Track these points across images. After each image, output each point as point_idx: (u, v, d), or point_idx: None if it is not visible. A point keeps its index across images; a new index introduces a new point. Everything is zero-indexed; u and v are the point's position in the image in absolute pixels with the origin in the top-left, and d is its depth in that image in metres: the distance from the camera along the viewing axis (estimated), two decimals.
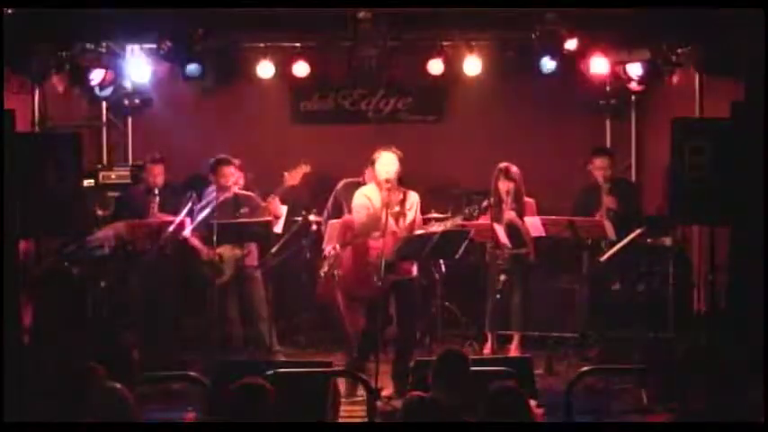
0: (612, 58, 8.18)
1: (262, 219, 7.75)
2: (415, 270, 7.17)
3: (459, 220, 7.20)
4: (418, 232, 7.06)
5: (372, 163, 7.09)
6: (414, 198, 7.16)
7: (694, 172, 6.79)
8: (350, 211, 7.81)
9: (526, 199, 8.07)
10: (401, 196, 7.03)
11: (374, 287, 6.90)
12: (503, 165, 8.01)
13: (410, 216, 7.08)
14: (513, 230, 7.87)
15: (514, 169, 7.98)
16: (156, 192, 8.26)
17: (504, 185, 7.93)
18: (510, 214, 7.91)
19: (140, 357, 5.33)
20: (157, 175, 8.41)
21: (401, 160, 7.01)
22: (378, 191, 7.07)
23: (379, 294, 6.91)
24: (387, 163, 6.99)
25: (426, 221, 7.55)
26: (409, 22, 7.68)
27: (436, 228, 7.17)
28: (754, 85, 6.52)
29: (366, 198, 7.11)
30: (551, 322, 8.46)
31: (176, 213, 7.94)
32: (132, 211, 8.25)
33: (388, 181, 6.94)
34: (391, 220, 6.94)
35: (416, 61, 8.71)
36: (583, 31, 7.75)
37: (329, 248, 7.86)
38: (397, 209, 6.98)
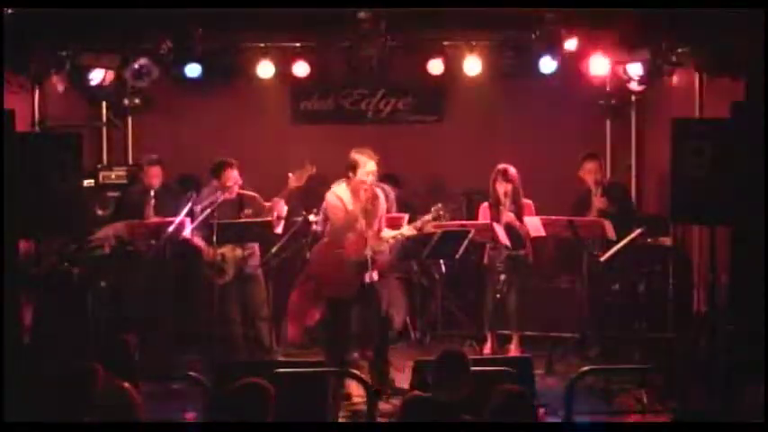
0: (612, 58, 8.17)
1: (263, 219, 7.74)
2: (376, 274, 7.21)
3: (427, 220, 7.18)
4: (404, 229, 7.11)
5: (354, 166, 7.06)
6: (381, 195, 7.24)
7: (694, 172, 6.79)
8: None
9: (524, 201, 8.06)
10: (370, 195, 7.08)
11: (352, 287, 6.99)
12: (501, 166, 8.01)
13: (378, 214, 7.15)
14: (511, 232, 7.87)
15: (512, 171, 7.98)
16: (153, 193, 8.26)
17: (502, 187, 7.93)
18: (508, 216, 7.90)
19: (141, 357, 5.31)
20: (154, 176, 8.40)
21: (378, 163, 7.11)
22: (348, 191, 7.12)
23: (355, 294, 7.02)
24: (371, 170, 7.04)
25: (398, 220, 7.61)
26: (409, 22, 7.67)
27: (407, 229, 7.22)
28: (754, 85, 6.53)
29: (338, 198, 7.14)
30: (551, 322, 8.46)
31: (173, 215, 7.96)
32: (129, 212, 8.25)
33: (368, 185, 7.01)
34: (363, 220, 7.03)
35: (416, 61, 8.71)
36: (583, 31, 7.75)
37: None
38: (369, 207, 7.04)
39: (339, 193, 7.17)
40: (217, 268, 7.72)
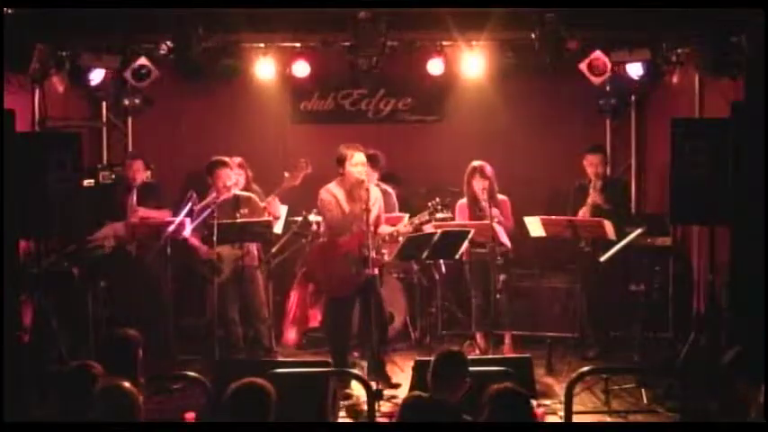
0: (612, 58, 8.17)
1: (262, 219, 7.74)
2: (376, 269, 7.24)
3: (424, 217, 7.20)
4: (390, 227, 7.14)
5: (342, 161, 7.14)
6: (376, 194, 7.27)
7: (694, 172, 6.80)
8: None
9: (500, 197, 8.01)
10: (366, 193, 7.08)
11: (351, 285, 7.02)
12: (477, 163, 7.97)
13: (374, 212, 7.16)
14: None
15: (489, 168, 7.95)
16: (135, 186, 8.26)
17: (479, 184, 7.88)
18: (494, 212, 7.80)
19: (143, 357, 5.31)
20: (136, 171, 8.40)
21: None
22: (341, 188, 7.16)
23: (354, 292, 7.07)
24: (359, 161, 7.13)
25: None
26: (409, 22, 7.66)
27: (403, 225, 7.24)
28: (754, 85, 6.53)
29: (332, 196, 7.19)
30: (551, 322, 8.46)
31: (156, 208, 8.10)
32: (111, 210, 8.24)
33: (361, 181, 7.06)
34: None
35: (416, 61, 8.70)
36: (583, 31, 7.74)
37: None
38: (365, 205, 7.04)
39: (332, 190, 7.20)
40: (213, 267, 7.71)
